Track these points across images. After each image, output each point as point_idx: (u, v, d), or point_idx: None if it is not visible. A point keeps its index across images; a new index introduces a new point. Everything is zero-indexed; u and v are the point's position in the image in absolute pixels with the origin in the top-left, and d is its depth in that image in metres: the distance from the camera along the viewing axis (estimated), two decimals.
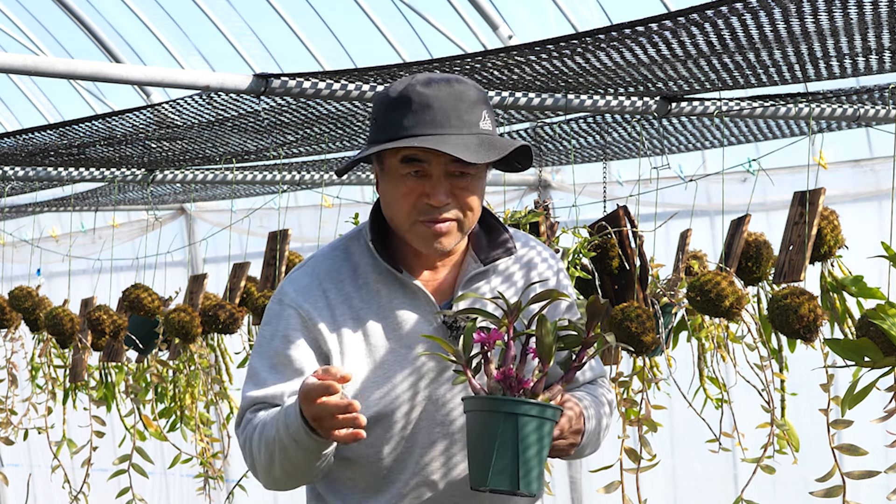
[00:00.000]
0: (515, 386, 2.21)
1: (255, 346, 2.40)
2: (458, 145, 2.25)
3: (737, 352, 3.90)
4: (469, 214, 2.33)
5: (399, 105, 2.29)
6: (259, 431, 2.30)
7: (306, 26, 6.96)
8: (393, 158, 2.31)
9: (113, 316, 4.92)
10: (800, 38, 3.22)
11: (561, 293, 2.28)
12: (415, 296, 2.37)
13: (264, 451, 2.29)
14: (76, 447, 5.11)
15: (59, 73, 3.44)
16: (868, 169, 5.66)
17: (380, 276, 2.38)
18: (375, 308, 2.36)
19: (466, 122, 2.28)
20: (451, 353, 2.24)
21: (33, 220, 9.06)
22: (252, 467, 2.36)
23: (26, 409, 5.44)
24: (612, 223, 3.60)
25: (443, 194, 2.29)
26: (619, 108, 4.10)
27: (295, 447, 2.23)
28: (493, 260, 2.42)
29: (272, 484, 2.35)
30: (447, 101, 2.28)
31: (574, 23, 6.01)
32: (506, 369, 2.22)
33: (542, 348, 2.22)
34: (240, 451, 2.41)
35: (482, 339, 2.23)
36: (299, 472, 2.30)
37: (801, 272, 3.35)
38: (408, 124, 2.27)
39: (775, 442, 3.64)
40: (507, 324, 2.25)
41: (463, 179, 2.30)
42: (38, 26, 7.91)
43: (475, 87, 2.33)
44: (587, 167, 6.16)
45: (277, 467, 2.29)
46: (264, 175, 5.70)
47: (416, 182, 2.29)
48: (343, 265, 2.39)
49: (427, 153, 2.28)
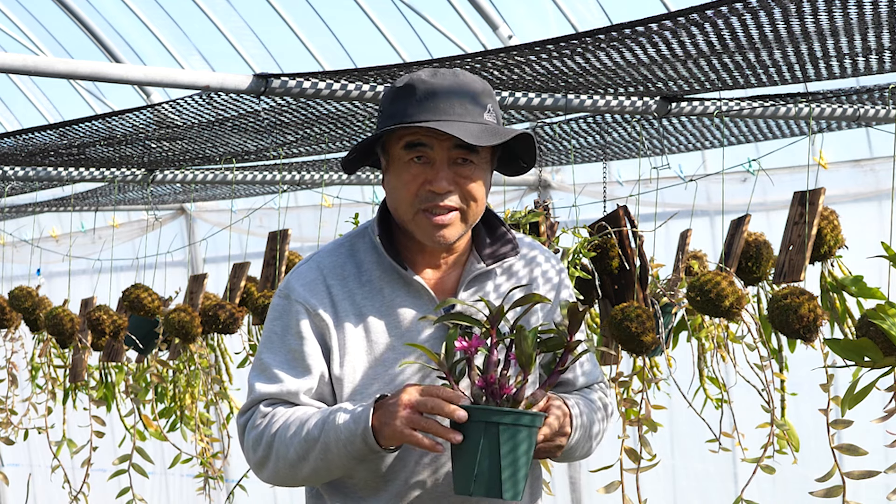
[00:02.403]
0: (497, 392, 2.22)
1: (265, 340, 2.41)
2: (460, 129, 2.27)
3: (737, 352, 3.90)
4: (472, 205, 2.35)
5: (404, 94, 2.33)
6: (286, 428, 2.31)
7: (306, 26, 6.96)
8: (397, 146, 2.34)
9: (113, 316, 4.92)
10: (800, 38, 3.22)
11: (542, 297, 2.29)
12: (418, 294, 2.38)
13: (296, 449, 2.29)
14: (76, 447, 5.11)
15: (59, 73, 3.44)
16: (868, 169, 5.66)
17: (383, 274, 2.39)
18: (378, 305, 2.37)
19: (470, 111, 2.31)
20: (434, 361, 2.25)
21: (33, 220, 9.06)
22: (260, 460, 2.36)
23: (26, 409, 5.44)
24: (612, 223, 3.60)
25: (445, 181, 2.31)
26: (619, 108, 4.10)
27: (342, 451, 2.25)
28: (497, 259, 2.43)
29: (283, 480, 2.36)
30: (451, 89, 2.32)
31: (574, 23, 6.01)
32: (487, 376, 2.22)
33: (521, 356, 2.23)
34: (240, 450, 2.42)
35: (463, 347, 2.24)
36: (328, 474, 2.32)
37: (801, 272, 3.35)
38: (412, 111, 2.31)
39: (775, 442, 3.64)
40: (489, 329, 2.26)
41: (466, 167, 2.33)
42: (38, 26, 7.91)
43: (480, 80, 2.37)
44: (587, 167, 6.16)
45: (308, 467, 2.30)
46: (264, 175, 5.70)
47: (419, 168, 2.32)
48: (347, 262, 2.41)
49: (430, 138, 2.31)
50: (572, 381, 2.51)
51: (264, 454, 2.35)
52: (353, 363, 2.35)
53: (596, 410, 2.48)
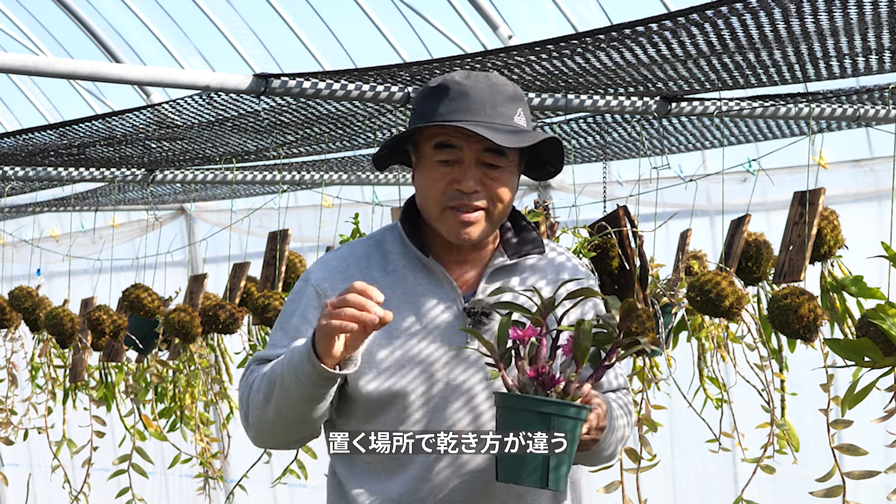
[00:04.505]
0: (548, 383, 2.21)
1: (278, 318, 2.48)
2: (489, 131, 2.30)
3: (737, 352, 3.90)
4: (498, 206, 2.38)
5: (437, 94, 2.36)
6: (261, 375, 2.35)
7: (306, 26, 6.96)
8: (427, 145, 2.38)
9: (113, 316, 4.91)
10: (800, 38, 3.22)
11: (594, 291, 2.31)
12: (440, 283, 2.42)
13: (263, 390, 2.32)
14: (76, 447, 5.11)
15: (59, 73, 3.44)
16: (868, 169, 5.66)
17: (408, 263, 2.43)
18: (399, 291, 2.41)
19: (501, 114, 2.34)
20: (485, 346, 2.25)
21: (33, 220, 9.06)
22: (243, 416, 2.38)
23: (26, 409, 5.44)
24: (612, 223, 3.60)
25: (472, 181, 2.34)
26: (619, 108, 4.10)
27: (293, 379, 2.25)
28: (521, 255, 2.45)
29: (261, 430, 2.35)
30: (484, 91, 2.35)
31: (574, 23, 6.01)
32: (538, 366, 2.22)
33: (577, 350, 2.22)
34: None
35: (518, 336, 2.23)
36: (292, 412, 2.30)
37: (801, 272, 3.35)
38: (444, 110, 2.34)
39: (775, 442, 3.64)
40: (540, 320, 2.26)
41: (494, 170, 2.36)
42: (38, 26, 7.91)
43: (512, 84, 2.40)
44: (587, 167, 6.16)
45: (272, 407, 2.31)
46: (264, 175, 5.70)
47: (448, 168, 2.36)
48: (374, 252, 2.46)
49: (460, 139, 2.34)
50: (602, 384, 2.51)
51: (245, 409, 2.38)
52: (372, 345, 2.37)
53: (624, 415, 2.48)
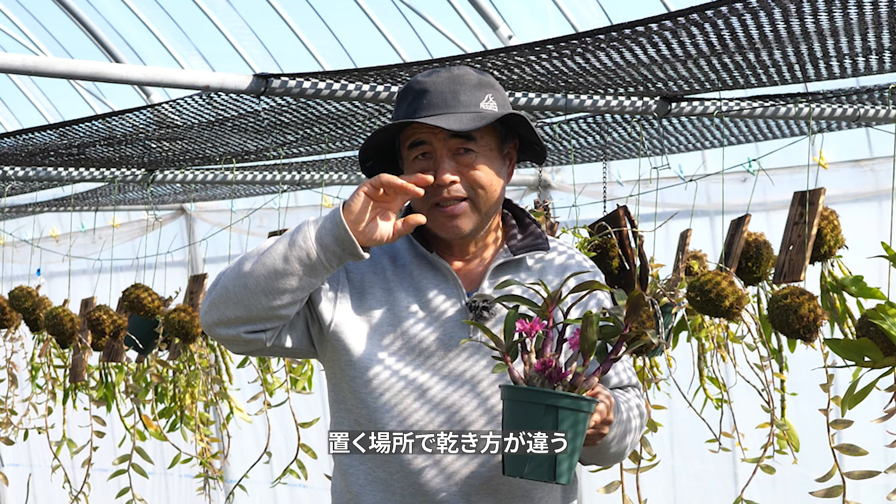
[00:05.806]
0: (555, 376, 2.21)
1: None
2: (446, 119, 2.33)
3: (737, 352, 3.90)
4: (480, 192, 2.39)
5: (402, 97, 2.41)
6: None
7: (306, 26, 6.95)
8: (404, 148, 2.42)
9: (113, 316, 4.91)
10: (800, 38, 3.22)
11: (602, 284, 2.31)
12: (444, 277, 2.44)
13: (249, 255, 2.30)
14: (76, 447, 5.11)
15: (59, 73, 3.44)
16: (868, 169, 5.66)
17: (414, 258, 2.46)
18: (406, 284, 2.44)
19: (464, 103, 2.36)
20: (492, 339, 2.25)
21: (33, 220, 9.06)
22: (213, 284, 2.35)
23: (26, 409, 5.44)
24: (612, 223, 3.60)
25: (448, 171, 2.36)
26: (619, 108, 4.10)
27: (301, 237, 2.26)
28: (526, 250, 2.46)
29: (219, 293, 2.31)
30: (444, 84, 2.37)
31: (574, 23, 6.01)
32: (545, 359, 2.22)
33: (584, 343, 2.21)
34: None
35: (524, 328, 2.23)
36: (265, 268, 2.28)
37: (801, 272, 3.35)
38: (409, 111, 2.38)
39: (775, 442, 3.64)
40: (547, 313, 2.26)
41: (467, 156, 2.38)
42: (38, 26, 7.91)
43: (478, 72, 2.41)
44: (587, 167, 6.16)
45: (250, 263, 2.28)
46: (264, 175, 5.70)
47: (424, 164, 2.39)
48: (384, 251, 2.48)
49: (427, 134, 2.37)
50: (609, 378, 2.50)
51: (217, 278, 2.35)
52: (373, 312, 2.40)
53: (633, 414, 2.47)
